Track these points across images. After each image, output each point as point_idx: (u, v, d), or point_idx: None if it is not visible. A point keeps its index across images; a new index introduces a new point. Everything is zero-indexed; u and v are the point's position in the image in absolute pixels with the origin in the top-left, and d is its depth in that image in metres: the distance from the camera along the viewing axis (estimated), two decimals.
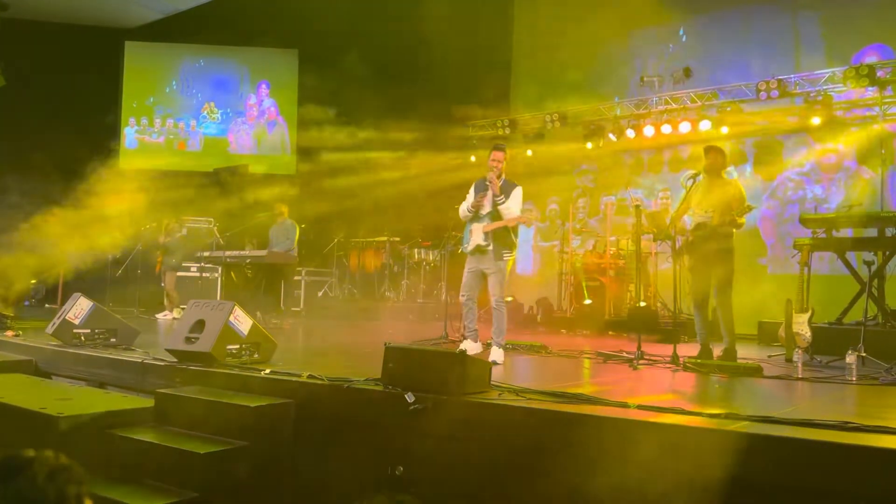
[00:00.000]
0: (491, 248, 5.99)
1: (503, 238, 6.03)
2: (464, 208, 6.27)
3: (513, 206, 6.01)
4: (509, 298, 12.12)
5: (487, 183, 6.08)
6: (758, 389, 4.83)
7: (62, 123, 13.04)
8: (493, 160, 6.11)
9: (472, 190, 6.29)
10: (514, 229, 6.13)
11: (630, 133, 11.42)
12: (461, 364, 3.92)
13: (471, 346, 5.97)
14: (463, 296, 6.20)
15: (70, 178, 10.67)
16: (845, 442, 2.92)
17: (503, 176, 6.13)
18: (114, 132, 14.78)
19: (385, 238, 12.61)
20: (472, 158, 13.16)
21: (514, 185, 6.12)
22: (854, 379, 5.14)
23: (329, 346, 7.47)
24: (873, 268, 7.04)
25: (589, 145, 11.92)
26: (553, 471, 3.45)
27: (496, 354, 5.86)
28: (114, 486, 3.88)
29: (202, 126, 15.27)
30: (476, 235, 6.08)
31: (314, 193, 11.93)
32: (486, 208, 6.09)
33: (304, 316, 12.20)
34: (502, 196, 6.01)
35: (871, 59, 9.79)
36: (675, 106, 11.12)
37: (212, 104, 15.27)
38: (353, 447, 4.11)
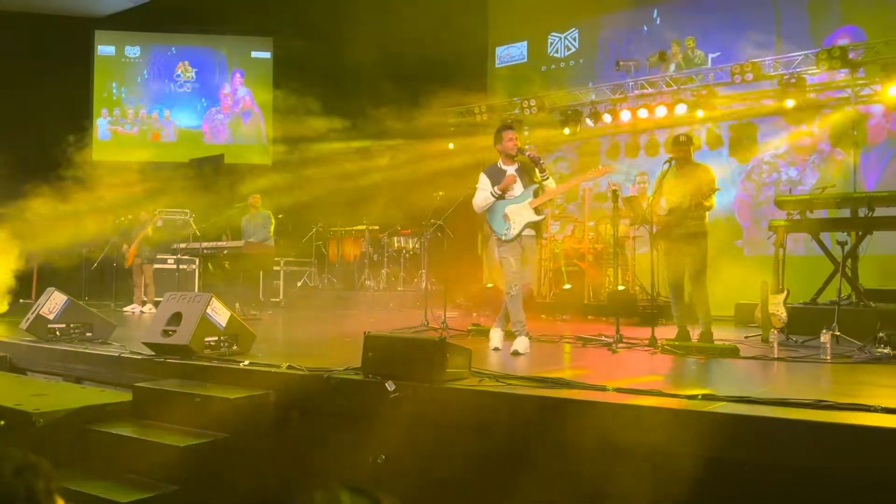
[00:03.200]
0: (538, 226, 5.73)
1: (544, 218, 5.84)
2: (482, 197, 5.83)
3: (551, 179, 5.78)
4: (490, 284, 12.16)
5: (536, 162, 5.73)
6: (735, 370, 4.89)
7: (32, 116, 12.81)
8: (510, 140, 5.78)
9: (483, 178, 5.92)
10: None
11: (607, 118, 11.46)
12: (441, 351, 3.92)
13: (527, 342, 5.57)
14: (516, 285, 5.68)
15: (42, 171, 10.51)
16: (819, 420, 2.97)
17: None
18: (86, 123, 14.53)
19: (364, 227, 12.56)
20: (450, 145, 13.14)
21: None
22: (828, 358, 5.22)
23: (309, 337, 7.44)
24: (847, 248, 7.14)
25: (566, 131, 11.94)
26: (534, 455, 3.47)
27: (522, 343, 5.60)
28: (92, 481, 3.85)
29: (176, 114, 15.05)
30: (521, 215, 5.66)
31: (291, 183, 11.86)
32: (519, 189, 5.75)
33: (283, 306, 12.14)
34: (546, 172, 5.76)
35: (843, 41, 9.89)
36: (650, 90, 11.17)
37: (186, 63, 15.00)
38: (334, 437, 4.11)
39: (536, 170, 5.77)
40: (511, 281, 5.72)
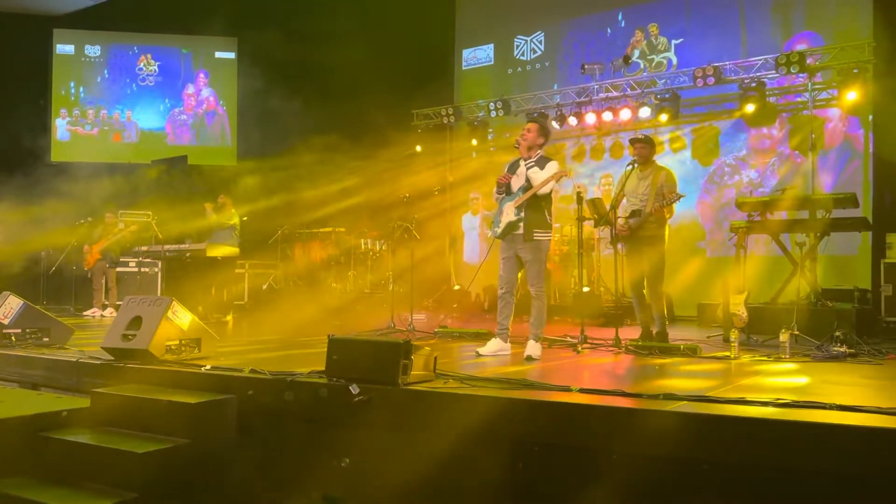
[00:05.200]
0: (522, 225, 5.43)
1: (535, 215, 5.45)
2: (495, 189, 5.79)
3: (544, 174, 5.45)
4: (457, 286, 12.15)
5: (517, 145, 5.61)
6: (696, 369, 4.95)
7: None
8: (524, 130, 5.67)
9: (504, 171, 5.80)
10: (549, 208, 5.54)
11: (572, 121, 11.56)
12: (405, 354, 3.91)
13: (498, 346, 5.54)
14: (501, 289, 5.62)
15: None
16: (777, 418, 3.03)
17: (538, 151, 5.65)
18: (44, 124, 14.22)
19: (330, 228, 12.47)
20: (418, 148, 13.14)
21: (549, 160, 5.58)
22: (787, 357, 5.33)
23: (273, 340, 7.35)
24: (805, 249, 7.30)
25: None
26: (498, 457, 3.48)
27: (532, 349, 5.38)
28: (48, 489, 3.77)
29: (138, 114, 14.78)
30: (507, 213, 5.52)
31: (256, 184, 11.74)
32: (517, 185, 5.57)
33: (247, 309, 11.99)
34: (532, 160, 5.54)
35: (801, 46, 10.11)
36: (615, 93, 11.30)
37: (148, 56, 14.74)
38: (298, 441, 4.07)
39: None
40: (498, 282, 5.68)
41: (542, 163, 5.56)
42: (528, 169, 5.54)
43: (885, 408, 3.08)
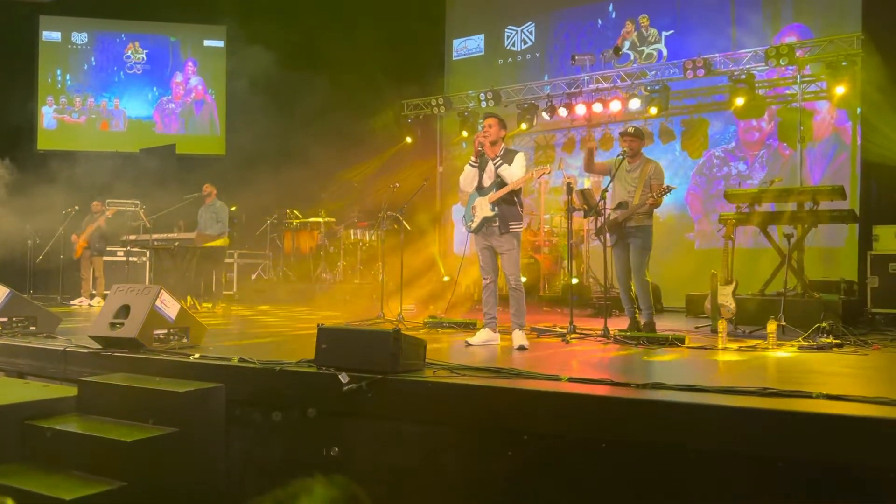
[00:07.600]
0: (497, 219, 5.54)
1: (510, 208, 5.57)
2: (461, 179, 5.87)
3: (515, 169, 5.52)
4: (446, 278, 12.12)
5: (478, 147, 5.68)
6: (683, 359, 4.98)
7: None
8: (485, 125, 5.74)
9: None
10: (519, 198, 5.65)
11: (563, 112, 11.56)
12: (395, 343, 3.91)
13: (487, 336, 5.64)
14: (486, 279, 5.75)
15: None
16: (763, 407, 3.05)
17: (502, 145, 5.72)
18: (30, 112, 14.07)
19: (320, 219, 12.44)
20: (408, 139, 13.11)
21: (516, 152, 5.66)
22: (774, 347, 5.37)
23: (262, 330, 7.35)
24: (793, 240, 7.35)
25: (523, 126, 12.00)
26: (488, 446, 3.49)
27: (519, 338, 5.45)
28: (35, 478, 3.74)
29: (126, 103, 14.66)
30: (482, 209, 5.61)
31: (245, 174, 11.68)
32: (488, 181, 5.66)
33: (237, 299, 11.97)
34: (499, 158, 5.59)
35: (790, 38, 10.14)
36: (605, 85, 11.30)
37: (136, 44, 14.60)
38: (287, 430, 4.07)
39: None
40: (481, 273, 5.78)
41: (508, 157, 5.61)
42: (497, 168, 5.58)
43: (870, 397, 3.11)
